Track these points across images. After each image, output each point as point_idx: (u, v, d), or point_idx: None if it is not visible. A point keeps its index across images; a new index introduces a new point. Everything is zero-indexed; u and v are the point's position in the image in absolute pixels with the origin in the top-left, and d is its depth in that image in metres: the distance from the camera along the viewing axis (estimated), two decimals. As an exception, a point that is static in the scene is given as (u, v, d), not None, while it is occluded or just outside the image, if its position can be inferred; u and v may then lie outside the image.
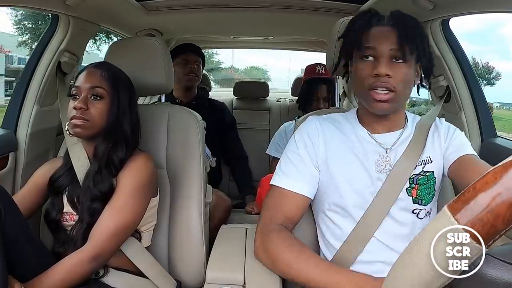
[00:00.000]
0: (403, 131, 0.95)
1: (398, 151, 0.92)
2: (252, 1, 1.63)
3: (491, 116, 1.46)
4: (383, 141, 0.93)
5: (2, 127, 1.39)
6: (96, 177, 0.98)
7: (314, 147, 0.92)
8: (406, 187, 0.89)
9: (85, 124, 0.98)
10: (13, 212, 0.86)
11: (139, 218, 0.99)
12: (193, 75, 1.99)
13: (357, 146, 0.92)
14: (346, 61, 0.98)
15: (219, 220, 1.63)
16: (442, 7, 1.23)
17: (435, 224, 0.52)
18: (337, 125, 0.96)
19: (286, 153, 0.95)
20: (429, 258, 0.54)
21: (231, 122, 2.12)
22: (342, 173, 0.90)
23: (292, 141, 0.95)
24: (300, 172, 0.91)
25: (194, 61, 2.00)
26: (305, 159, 0.92)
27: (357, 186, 0.90)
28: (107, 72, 1.02)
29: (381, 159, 0.91)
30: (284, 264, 0.80)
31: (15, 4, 1.22)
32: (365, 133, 0.94)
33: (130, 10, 1.60)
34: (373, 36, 0.87)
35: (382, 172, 0.90)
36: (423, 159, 0.91)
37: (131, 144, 1.05)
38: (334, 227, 0.93)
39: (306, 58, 3.59)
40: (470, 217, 0.47)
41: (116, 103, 1.02)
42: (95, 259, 0.90)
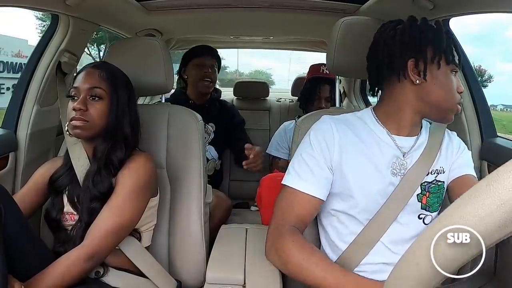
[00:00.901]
0: (419, 137, 0.95)
1: (414, 157, 0.92)
2: (252, 1, 1.63)
3: (491, 116, 1.46)
4: (402, 144, 0.92)
5: (2, 127, 1.39)
6: (96, 178, 0.99)
7: (329, 150, 0.91)
8: (417, 192, 0.90)
9: (85, 125, 0.98)
10: (14, 212, 0.86)
11: (137, 218, 0.99)
12: (209, 80, 1.92)
13: (373, 149, 0.91)
14: (416, 62, 0.88)
15: (219, 220, 1.63)
16: (442, 7, 1.23)
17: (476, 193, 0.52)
18: (352, 127, 0.94)
19: (301, 154, 0.93)
20: (429, 258, 0.54)
21: (240, 120, 2.10)
22: (356, 177, 0.90)
23: (307, 142, 0.94)
24: (316, 175, 0.90)
25: (209, 65, 1.93)
26: (320, 162, 0.90)
27: (370, 190, 0.89)
28: (105, 72, 1.02)
29: (398, 162, 0.91)
30: (295, 266, 0.81)
31: (15, 4, 1.22)
32: (384, 133, 0.93)
33: (130, 10, 1.60)
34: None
35: (397, 175, 0.90)
36: (437, 169, 0.92)
37: (131, 144, 1.04)
38: (341, 228, 0.92)
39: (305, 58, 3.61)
40: None
41: (116, 103, 1.02)
42: (91, 257, 0.90)
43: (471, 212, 0.51)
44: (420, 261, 0.56)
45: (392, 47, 0.90)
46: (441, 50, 0.87)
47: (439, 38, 0.89)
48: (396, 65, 0.90)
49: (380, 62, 0.92)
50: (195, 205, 1.19)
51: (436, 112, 0.91)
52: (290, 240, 0.83)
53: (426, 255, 0.54)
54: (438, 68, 0.87)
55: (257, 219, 1.64)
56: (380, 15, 1.29)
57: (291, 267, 0.82)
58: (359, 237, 0.89)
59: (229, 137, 2.02)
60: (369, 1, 1.43)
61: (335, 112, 1.18)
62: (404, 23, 0.93)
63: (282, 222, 0.87)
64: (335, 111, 1.19)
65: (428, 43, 0.88)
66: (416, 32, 0.90)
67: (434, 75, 0.88)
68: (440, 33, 0.89)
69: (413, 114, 0.92)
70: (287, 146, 1.87)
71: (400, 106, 0.92)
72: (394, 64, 0.90)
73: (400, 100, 0.92)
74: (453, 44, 0.89)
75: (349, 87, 2.68)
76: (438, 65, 0.87)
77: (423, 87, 0.88)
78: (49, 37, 1.41)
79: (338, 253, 0.92)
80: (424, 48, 0.88)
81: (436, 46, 0.88)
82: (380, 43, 0.93)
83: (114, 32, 1.94)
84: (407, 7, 1.31)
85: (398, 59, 0.89)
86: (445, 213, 0.56)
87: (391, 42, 0.91)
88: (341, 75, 1.38)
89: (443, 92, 0.88)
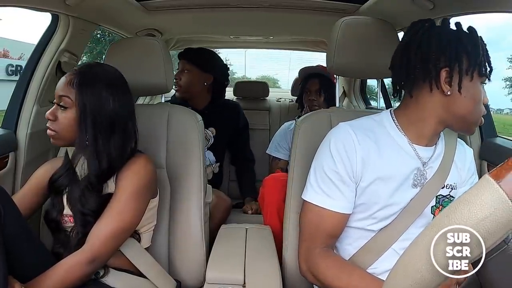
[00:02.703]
0: (436, 147, 0.92)
1: (433, 167, 0.90)
2: (252, 1, 1.63)
3: (491, 116, 1.46)
4: (422, 154, 0.90)
5: (2, 127, 1.39)
6: (82, 199, 0.96)
7: (351, 162, 0.88)
8: (431, 204, 0.89)
9: (54, 135, 0.97)
10: (13, 212, 0.86)
11: (138, 220, 0.99)
12: (175, 85, 1.86)
13: (395, 159, 0.88)
14: (450, 72, 0.84)
15: (219, 220, 1.63)
16: (442, 6, 1.23)
17: (477, 192, 0.52)
18: (372, 136, 0.90)
19: (323, 169, 0.89)
20: (429, 257, 0.54)
21: (244, 125, 2.08)
22: (376, 190, 0.88)
23: (328, 155, 0.89)
24: (342, 192, 0.88)
25: (180, 69, 1.88)
26: (344, 178, 0.88)
27: (388, 202, 0.88)
28: (78, 79, 0.95)
29: (419, 173, 0.89)
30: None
31: (15, 4, 1.22)
32: (405, 141, 0.90)
33: (130, 10, 1.60)
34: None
35: (417, 186, 0.89)
36: (451, 184, 0.91)
37: (117, 160, 0.96)
38: (352, 232, 0.92)
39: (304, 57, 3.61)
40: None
41: (90, 113, 0.93)
42: (92, 261, 0.90)
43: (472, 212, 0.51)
44: (420, 261, 0.56)
45: (426, 53, 0.85)
46: (477, 61, 0.83)
47: (476, 48, 0.84)
48: (430, 73, 0.84)
49: (413, 67, 0.86)
50: (195, 205, 1.19)
51: (460, 124, 0.88)
52: (324, 266, 0.85)
53: (426, 255, 0.54)
54: (471, 80, 0.83)
55: (257, 219, 1.64)
56: (380, 15, 1.30)
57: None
58: (369, 244, 0.89)
59: (231, 140, 2.00)
60: (369, 1, 1.43)
61: (335, 112, 1.18)
62: (437, 26, 0.88)
63: (313, 245, 0.88)
64: (335, 111, 1.19)
65: (464, 52, 0.83)
66: (453, 38, 0.84)
67: (466, 87, 0.83)
68: (477, 42, 0.84)
69: (437, 125, 0.88)
70: (287, 146, 1.87)
71: (425, 115, 0.88)
72: (427, 71, 0.85)
73: (427, 108, 0.87)
74: (487, 55, 0.85)
75: (349, 87, 2.68)
76: (471, 76, 0.83)
77: (454, 98, 0.84)
78: (49, 37, 1.41)
79: (346, 256, 0.92)
80: (461, 57, 0.83)
81: (472, 56, 0.83)
82: (413, 46, 0.87)
83: (114, 32, 1.94)
84: (407, 7, 1.31)
85: (433, 67, 0.84)
86: (444, 213, 0.56)
87: (426, 47, 0.85)
88: (341, 75, 1.38)
89: (472, 105, 0.85)
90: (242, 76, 9.73)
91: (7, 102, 1.41)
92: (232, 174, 2.14)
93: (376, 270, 0.88)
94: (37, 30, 2.80)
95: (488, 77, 0.85)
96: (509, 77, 15.63)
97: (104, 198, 0.96)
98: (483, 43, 0.85)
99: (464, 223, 0.52)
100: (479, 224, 0.51)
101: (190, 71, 1.87)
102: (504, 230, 0.51)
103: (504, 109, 16.49)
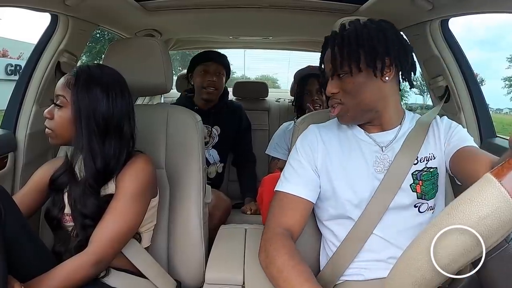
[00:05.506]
0: (400, 129, 0.95)
1: (395, 149, 0.93)
2: (252, 1, 1.63)
3: (490, 116, 1.46)
4: (380, 140, 0.95)
5: (1, 127, 1.39)
6: (81, 201, 0.96)
7: (313, 153, 0.95)
8: (409, 183, 0.90)
9: (50, 133, 0.98)
10: (13, 212, 0.86)
11: (140, 221, 0.99)
12: (212, 88, 1.88)
13: (356, 149, 0.95)
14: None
15: (219, 220, 1.63)
16: (441, 7, 1.23)
17: (479, 190, 0.52)
18: (336, 131, 0.99)
19: (289, 161, 0.98)
20: (429, 257, 0.54)
21: (247, 126, 2.10)
22: (342, 179, 0.92)
23: (294, 149, 0.99)
24: (300, 176, 0.94)
25: (213, 72, 1.89)
26: (304, 164, 0.95)
27: (356, 189, 0.91)
28: (75, 79, 0.96)
29: (379, 159, 0.93)
30: (276, 269, 0.80)
31: (15, 4, 1.22)
32: (362, 133, 0.96)
33: (130, 10, 1.60)
34: None
35: (381, 172, 0.91)
36: (425, 156, 0.92)
37: (113, 161, 0.96)
38: (335, 228, 0.94)
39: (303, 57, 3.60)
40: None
41: (85, 114, 0.94)
42: (97, 263, 0.90)
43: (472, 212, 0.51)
44: (421, 262, 0.56)
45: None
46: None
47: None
48: None
49: None
50: (195, 205, 1.19)
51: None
52: (281, 244, 0.84)
53: (427, 255, 0.54)
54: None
55: (256, 219, 1.64)
56: (379, 15, 1.29)
57: (273, 268, 0.81)
58: (350, 233, 0.91)
59: (234, 142, 2.02)
60: (368, 1, 1.43)
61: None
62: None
63: (274, 225, 0.89)
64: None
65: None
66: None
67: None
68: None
69: (365, 112, 0.94)
70: (286, 147, 1.87)
71: None
72: None
73: None
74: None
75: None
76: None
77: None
78: (48, 37, 1.41)
79: (333, 249, 0.94)
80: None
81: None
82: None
83: (113, 33, 1.94)
84: (405, 8, 1.32)
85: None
86: (446, 211, 0.56)
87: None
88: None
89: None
90: (241, 76, 9.72)
91: (6, 101, 1.41)
92: (232, 174, 2.14)
93: (361, 264, 0.90)
94: (37, 30, 2.78)
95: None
96: (509, 77, 15.64)
97: (104, 199, 0.96)
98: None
99: (466, 221, 0.52)
100: (481, 222, 0.51)
101: (223, 74, 1.94)
102: (505, 228, 0.52)
103: (504, 109, 16.44)
